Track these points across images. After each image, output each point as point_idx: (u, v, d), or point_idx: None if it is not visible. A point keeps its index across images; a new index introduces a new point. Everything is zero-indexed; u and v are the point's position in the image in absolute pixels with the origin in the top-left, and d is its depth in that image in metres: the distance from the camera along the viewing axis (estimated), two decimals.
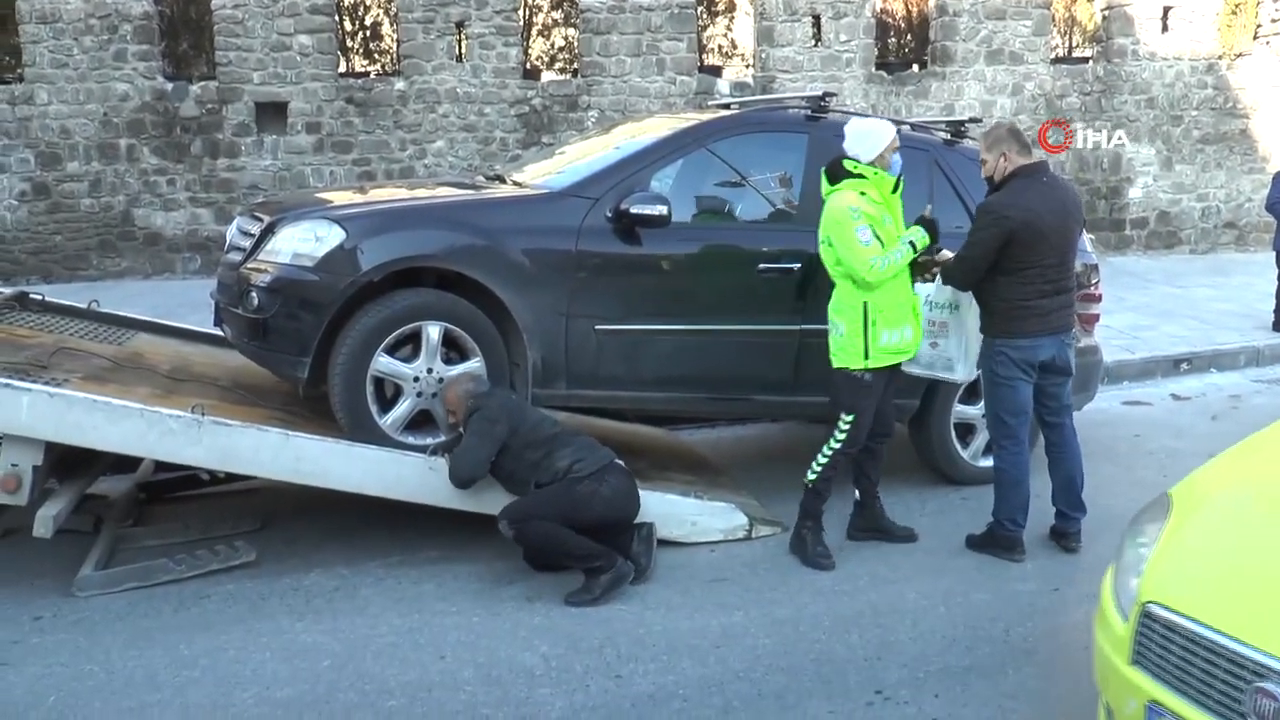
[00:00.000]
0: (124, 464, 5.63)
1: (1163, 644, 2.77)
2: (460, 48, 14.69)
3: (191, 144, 14.36)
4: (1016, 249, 4.94)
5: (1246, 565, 2.83)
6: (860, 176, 5.04)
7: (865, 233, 4.92)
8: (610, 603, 4.67)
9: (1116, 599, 3.02)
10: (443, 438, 5.13)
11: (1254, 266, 14.51)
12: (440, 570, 5.04)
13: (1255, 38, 16.80)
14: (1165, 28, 15.75)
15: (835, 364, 5.12)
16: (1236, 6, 16.92)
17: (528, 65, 17.10)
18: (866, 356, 5.01)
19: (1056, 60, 16.61)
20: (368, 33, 20.72)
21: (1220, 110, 16.07)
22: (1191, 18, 15.76)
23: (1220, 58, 16.05)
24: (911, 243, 5.03)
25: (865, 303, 4.99)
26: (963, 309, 5.29)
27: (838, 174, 5.09)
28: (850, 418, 5.11)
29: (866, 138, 5.09)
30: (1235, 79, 16.04)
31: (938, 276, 5.32)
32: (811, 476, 5.21)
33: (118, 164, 14.31)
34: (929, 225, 5.11)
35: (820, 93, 6.06)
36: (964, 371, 5.40)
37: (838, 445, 5.15)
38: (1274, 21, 16.26)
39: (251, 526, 5.56)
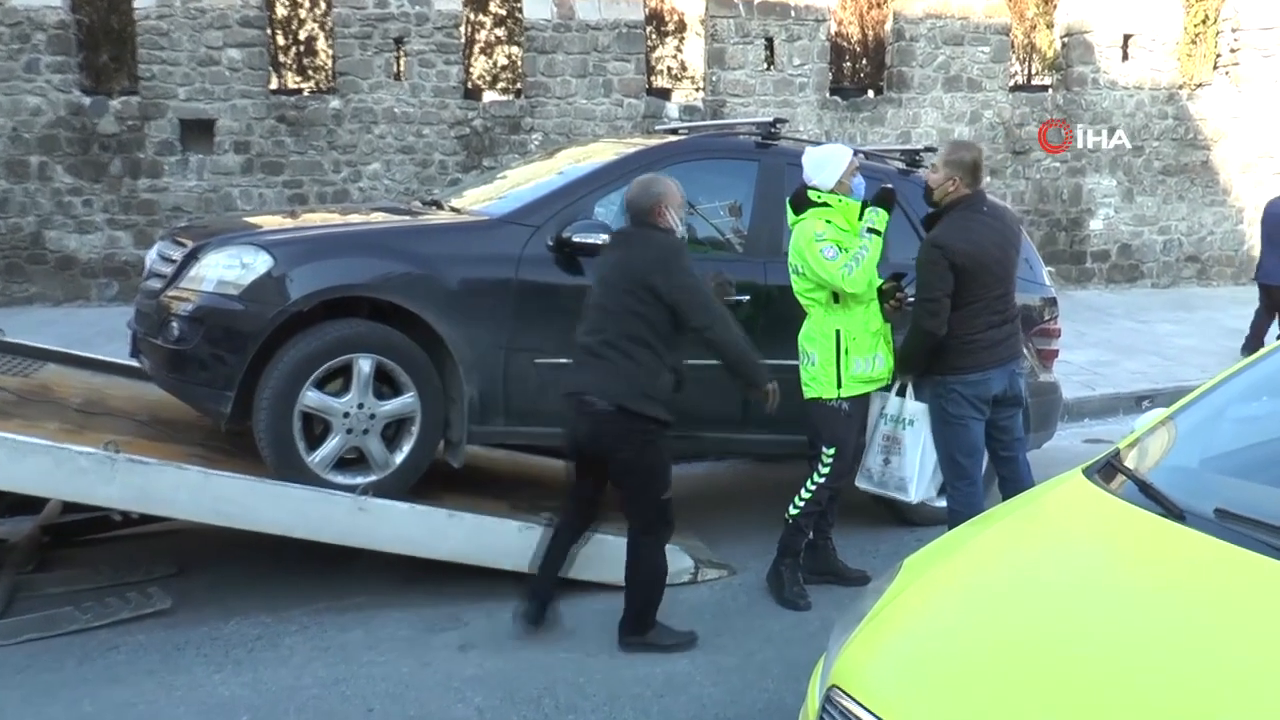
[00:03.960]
0: (27, 504, 5.53)
1: None
2: (399, 65, 14.71)
3: (110, 163, 14.21)
4: (964, 283, 5.04)
5: (943, 654, 2.66)
6: (825, 205, 5.14)
7: (831, 249, 5.05)
8: (549, 649, 4.66)
9: (821, 676, 2.85)
10: (374, 476, 5.12)
11: (1217, 301, 14.85)
12: (369, 617, 5.01)
13: (1215, 67, 17.24)
14: (1126, 56, 16.11)
15: (808, 395, 5.20)
16: (1196, 36, 17.38)
17: (469, 85, 17.13)
18: (839, 386, 5.10)
19: (1016, 88, 16.93)
20: (301, 48, 20.67)
21: (1181, 141, 16.45)
22: (1152, 46, 16.15)
23: (1181, 87, 16.45)
24: (872, 229, 5.14)
25: (838, 330, 5.10)
26: (918, 422, 5.37)
27: (802, 204, 5.19)
28: (832, 450, 5.20)
29: (824, 165, 5.19)
30: (1196, 109, 16.44)
31: (904, 388, 5.40)
32: (794, 511, 5.27)
33: (28, 182, 14.12)
34: (884, 198, 5.20)
35: (771, 119, 6.16)
36: (918, 493, 5.44)
37: (821, 479, 5.23)
38: (1233, 51, 16.69)
39: (167, 571, 5.49)
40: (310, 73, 20.61)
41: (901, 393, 5.42)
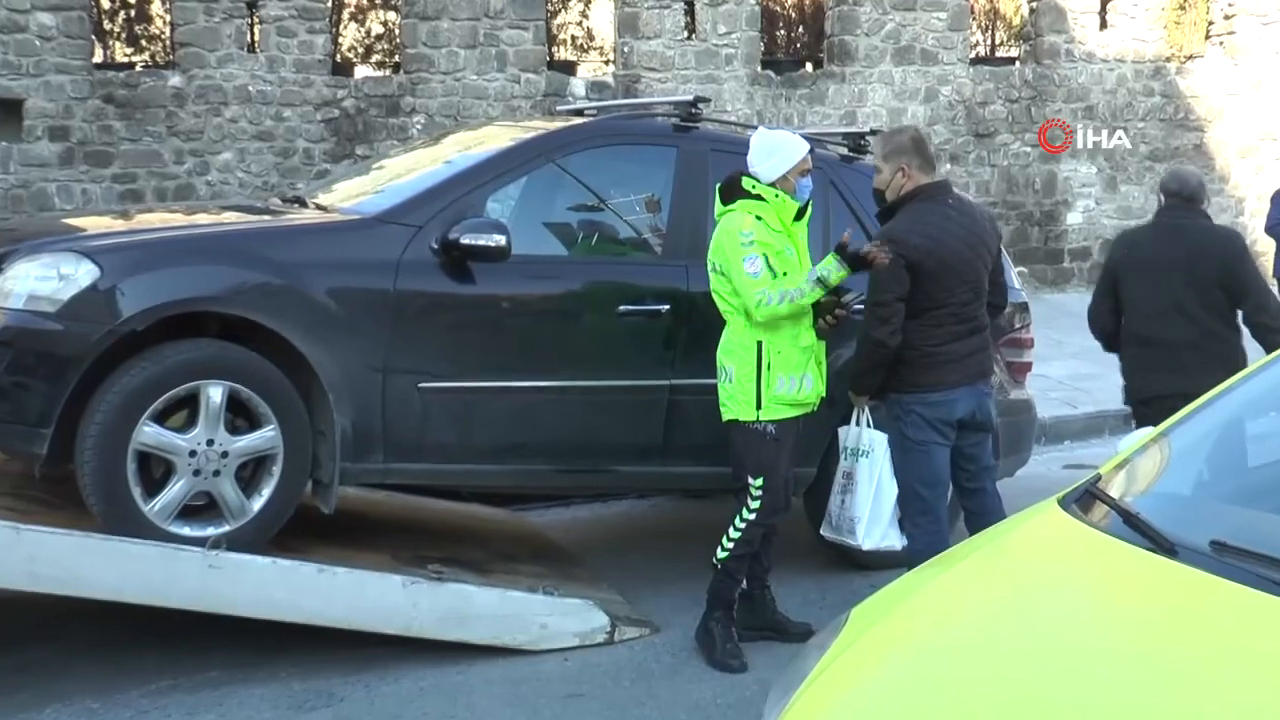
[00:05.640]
0: None
1: None
2: (253, 34, 14.59)
3: None
4: (924, 286, 5.11)
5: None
6: (758, 198, 5.20)
7: (755, 263, 5.05)
8: None
9: None
10: (227, 527, 5.07)
11: None
12: (223, 697, 4.95)
13: (1208, 37, 17.62)
14: (1104, 24, 16.44)
15: (726, 416, 5.25)
16: (1185, 1, 17.79)
17: (338, 58, 17.04)
18: (759, 407, 5.14)
19: (977, 60, 17.22)
20: (132, 13, 20.39)
21: (1170, 121, 16.82)
22: (1134, 12, 16.47)
23: (1168, 60, 16.84)
24: (821, 279, 5.01)
25: (760, 343, 5.13)
26: (874, 453, 5.45)
27: (733, 193, 5.24)
28: (759, 481, 5.23)
29: (772, 154, 5.25)
30: (1186, 85, 16.82)
31: (860, 412, 5.50)
32: (722, 555, 5.30)
33: None
34: (851, 258, 4.99)
35: (692, 97, 6.23)
36: (868, 537, 5.52)
37: (751, 516, 5.26)
38: (1228, 18, 17.02)
39: None
40: (144, 43, 20.32)
41: (862, 420, 5.51)
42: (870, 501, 5.48)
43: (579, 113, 6.89)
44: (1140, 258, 6.07)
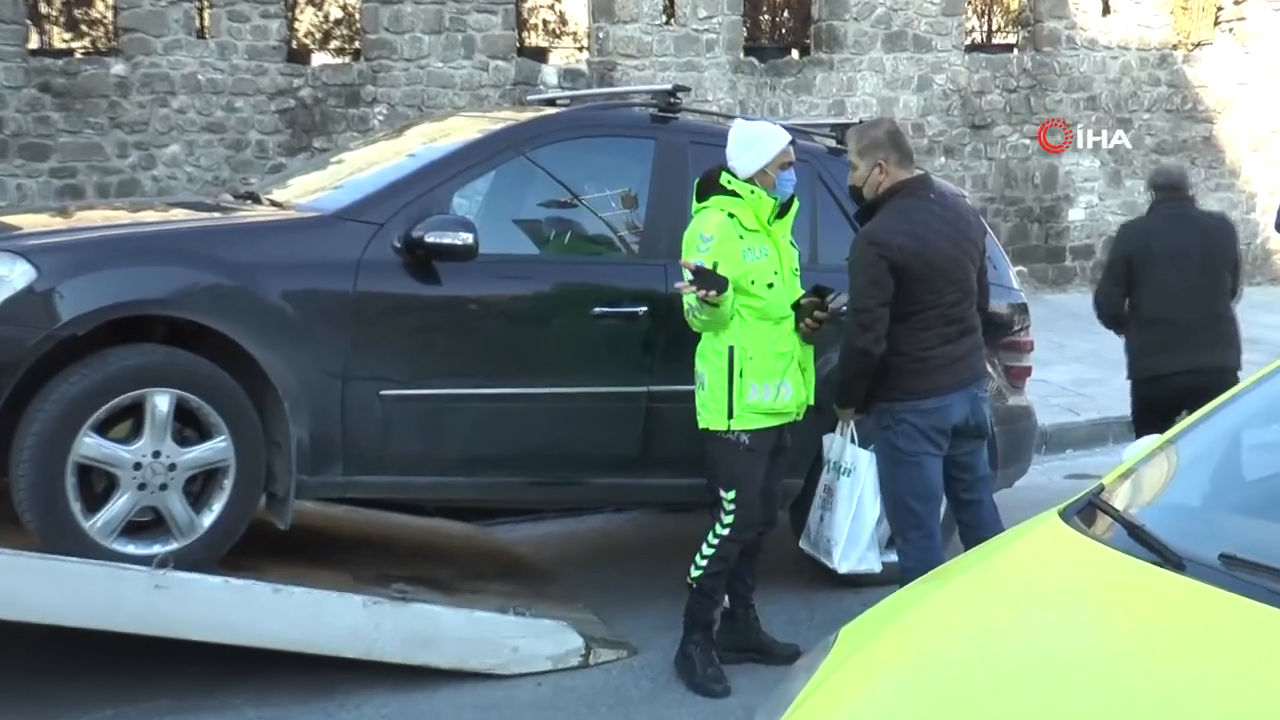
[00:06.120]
0: None
1: None
2: (202, 19, 14.57)
3: None
4: (910, 288, 5.11)
5: None
6: (733, 194, 5.21)
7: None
8: None
9: None
10: (175, 544, 5.05)
11: None
12: None
13: (1217, 23, 17.71)
14: (1107, 9, 16.52)
15: (701, 424, 5.26)
16: None
17: (294, 44, 17.04)
18: (731, 416, 5.15)
19: (973, 47, 17.30)
20: None
21: (1178, 112, 16.92)
22: None
23: (1175, 47, 16.93)
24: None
25: (731, 347, 5.14)
26: (856, 472, 5.47)
27: (708, 189, 5.26)
28: (731, 494, 5.24)
29: (749, 146, 5.26)
30: (1195, 74, 16.91)
31: (846, 424, 5.54)
32: (695, 573, 5.30)
33: None
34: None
35: (670, 86, 6.24)
36: (843, 560, 5.54)
37: (725, 531, 5.26)
38: (1237, 3, 17.11)
39: None
40: (84, 28, 20.28)
41: (848, 433, 5.52)
42: (848, 523, 5.49)
43: (551, 102, 6.87)
44: (1157, 247, 6.77)
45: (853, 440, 5.55)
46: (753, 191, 5.21)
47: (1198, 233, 6.81)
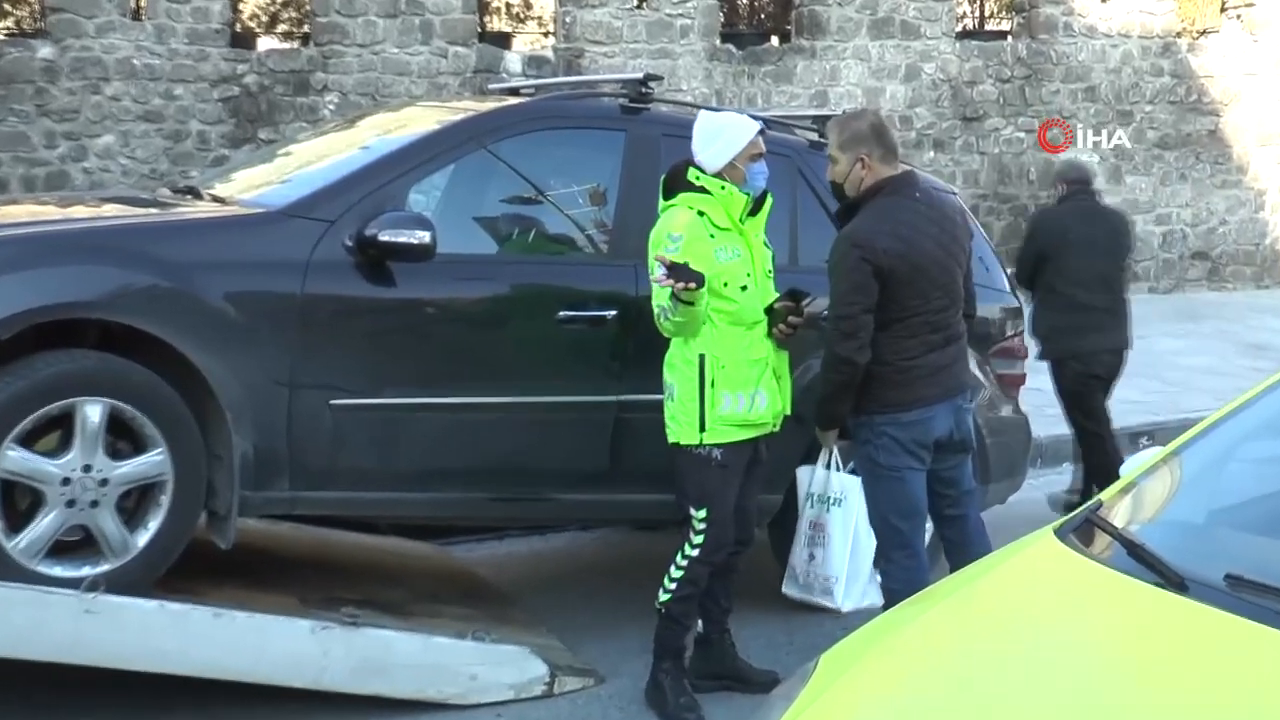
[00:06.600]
0: None
1: None
2: None
3: None
4: (895, 293, 5.11)
5: None
6: (702, 191, 5.22)
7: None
8: None
9: None
10: (106, 565, 5.02)
11: (1231, 308, 15.30)
12: None
13: (1223, 10, 17.83)
14: None
15: (670, 438, 5.26)
16: None
17: (238, 27, 16.99)
18: (702, 429, 5.15)
19: (964, 34, 17.34)
20: None
21: (1182, 104, 17.00)
22: None
23: (1179, 35, 17.01)
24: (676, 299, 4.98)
25: (702, 355, 5.14)
26: (848, 500, 5.48)
27: (675, 185, 5.26)
28: (702, 512, 5.23)
29: (715, 138, 5.27)
30: (1200, 63, 16.99)
31: (828, 452, 5.57)
32: (664, 598, 5.30)
33: None
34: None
35: (641, 75, 6.25)
36: (848, 597, 5.56)
37: (694, 552, 5.25)
38: None
39: None
40: (8, 7, 20.17)
41: (830, 463, 5.53)
42: (848, 557, 5.51)
43: (514, 92, 6.88)
44: (1070, 238, 7.97)
45: (837, 468, 5.55)
46: (723, 187, 5.21)
47: (1104, 225, 8.23)
